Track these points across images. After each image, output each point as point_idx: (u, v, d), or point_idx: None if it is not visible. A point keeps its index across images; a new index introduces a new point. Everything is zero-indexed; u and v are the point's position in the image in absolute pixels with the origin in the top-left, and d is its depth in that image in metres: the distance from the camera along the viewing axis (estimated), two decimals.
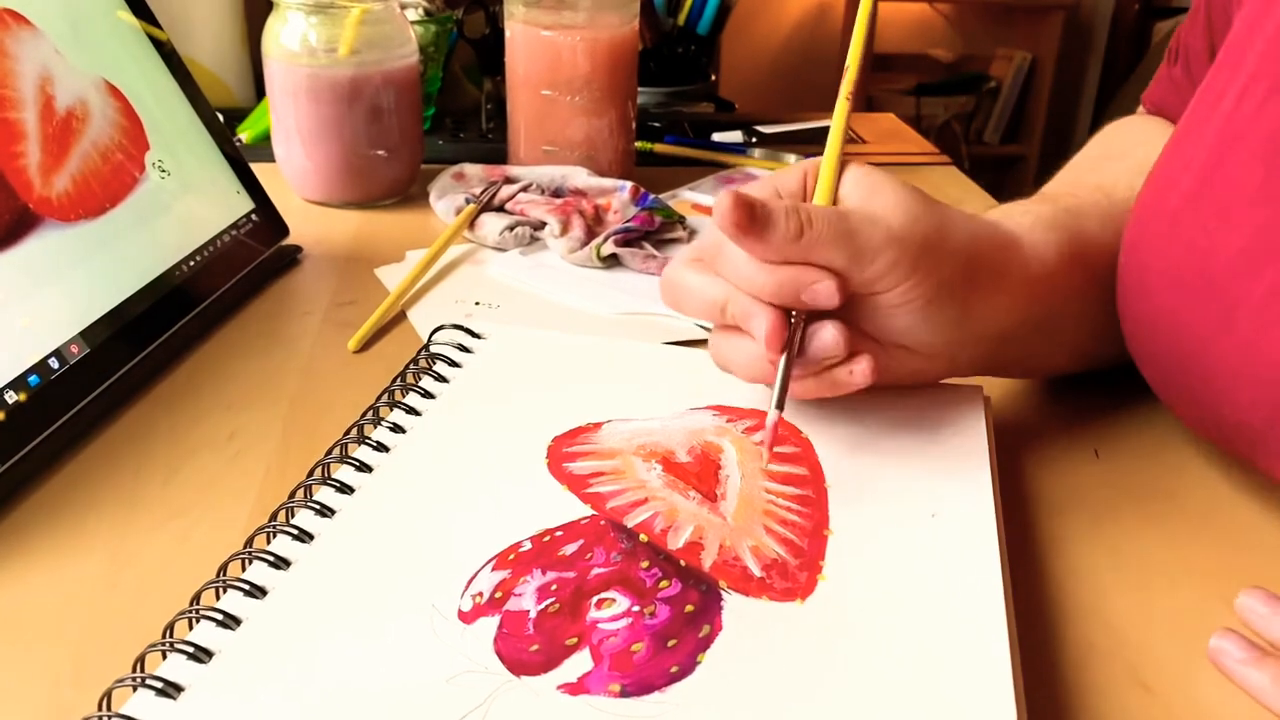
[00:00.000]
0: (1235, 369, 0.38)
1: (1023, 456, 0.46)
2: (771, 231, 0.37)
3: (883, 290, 0.39)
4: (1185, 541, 0.41)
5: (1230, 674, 0.34)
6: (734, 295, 0.39)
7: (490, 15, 0.93)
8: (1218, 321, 0.39)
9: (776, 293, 0.38)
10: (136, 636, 0.32)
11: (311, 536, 0.35)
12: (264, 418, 0.48)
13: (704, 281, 0.40)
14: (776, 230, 0.37)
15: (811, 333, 0.39)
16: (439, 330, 0.48)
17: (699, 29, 1.06)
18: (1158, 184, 0.43)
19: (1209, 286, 0.39)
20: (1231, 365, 0.38)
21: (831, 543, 0.36)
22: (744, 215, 0.37)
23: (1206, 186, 0.40)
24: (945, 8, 2.82)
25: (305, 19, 0.71)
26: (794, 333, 0.39)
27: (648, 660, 0.30)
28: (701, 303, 0.41)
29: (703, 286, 0.40)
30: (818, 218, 0.38)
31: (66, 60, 0.53)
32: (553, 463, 0.39)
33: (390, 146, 0.74)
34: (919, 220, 0.39)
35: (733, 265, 0.39)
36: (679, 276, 0.41)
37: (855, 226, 0.38)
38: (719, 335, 0.42)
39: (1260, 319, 0.37)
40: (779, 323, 0.38)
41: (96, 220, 0.52)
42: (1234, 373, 0.38)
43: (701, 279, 0.41)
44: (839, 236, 0.38)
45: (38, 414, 0.44)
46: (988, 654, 0.31)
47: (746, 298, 0.39)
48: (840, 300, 0.38)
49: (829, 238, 0.38)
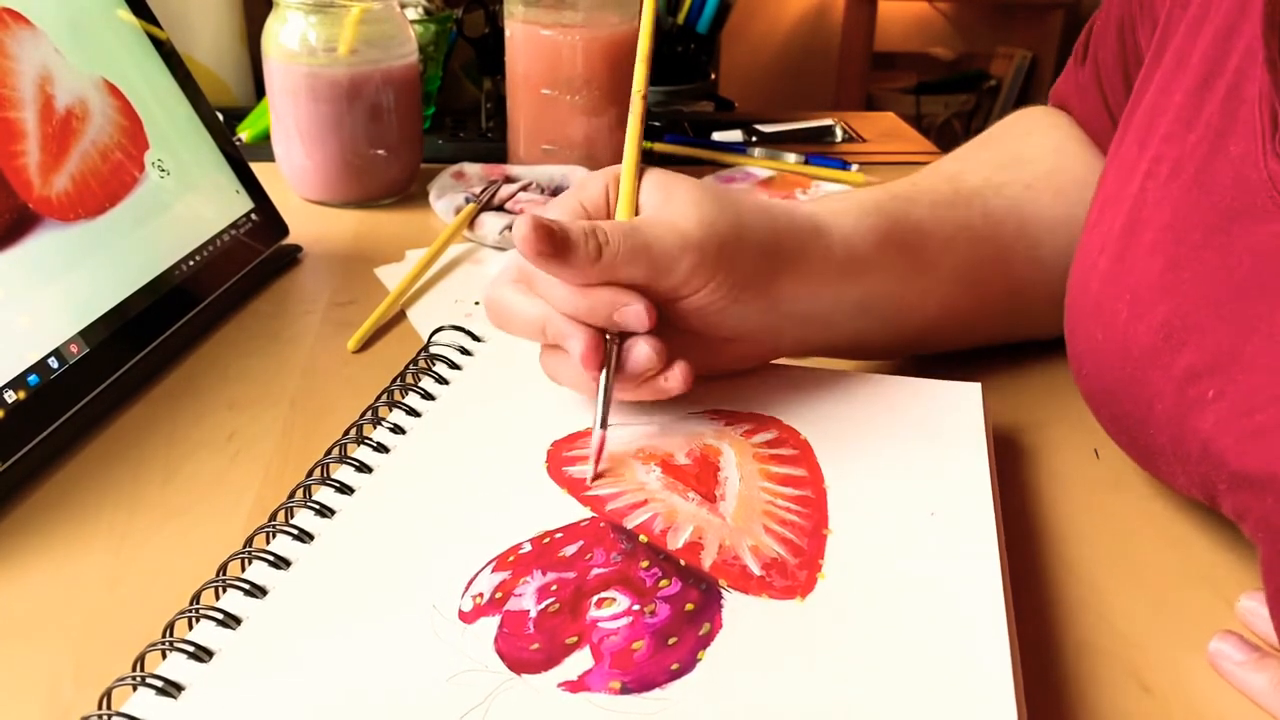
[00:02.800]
0: (1167, 447, 0.38)
1: (1022, 456, 0.46)
2: (572, 255, 0.37)
3: (688, 294, 0.40)
4: (1185, 541, 0.41)
5: (1229, 676, 0.34)
6: (551, 316, 0.40)
7: (490, 14, 0.93)
8: (1145, 402, 0.39)
9: (590, 315, 0.39)
10: (136, 636, 0.32)
11: (311, 536, 0.35)
12: (264, 418, 0.48)
13: (525, 302, 0.41)
14: (577, 253, 0.37)
15: (627, 349, 0.39)
16: (439, 331, 0.48)
17: (698, 28, 1.06)
18: (1082, 263, 0.44)
19: (1133, 369, 0.39)
20: (1164, 443, 0.38)
21: (831, 541, 0.36)
22: (544, 242, 0.37)
23: (1118, 273, 0.40)
24: (945, 6, 2.82)
25: (305, 18, 0.71)
26: (610, 350, 0.39)
27: (648, 658, 0.30)
28: (523, 323, 0.41)
29: (524, 307, 0.41)
30: (614, 234, 0.38)
31: (66, 60, 0.53)
32: (552, 466, 0.39)
33: (390, 146, 0.74)
34: (714, 222, 0.40)
35: (546, 287, 0.40)
36: (501, 297, 0.41)
37: (651, 239, 0.39)
38: (546, 352, 0.42)
39: (1177, 408, 0.37)
40: (594, 342, 0.39)
41: (96, 220, 0.52)
42: (1167, 451, 0.38)
43: (522, 300, 0.41)
44: (635, 251, 0.38)
45: (37, 414, 0.44)
46: (988, 653, 0.31)
47: (563, 319, 0.39)
48: (651, 322, 0.39)
49: (627, 254, 0.38)
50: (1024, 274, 0.50)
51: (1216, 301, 0.36)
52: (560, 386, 0.42)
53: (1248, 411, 0.34)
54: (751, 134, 0.96)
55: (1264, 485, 0.33)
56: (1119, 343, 0.40)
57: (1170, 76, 0.41)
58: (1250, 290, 0.35)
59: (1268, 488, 0.33)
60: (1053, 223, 0.51)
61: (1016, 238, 0.50)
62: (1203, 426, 0.36)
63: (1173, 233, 0.38)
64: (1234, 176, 0.36)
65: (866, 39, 2.61)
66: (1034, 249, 0.50)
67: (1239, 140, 0.36)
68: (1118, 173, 0.43)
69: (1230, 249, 0.36)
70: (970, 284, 0.49)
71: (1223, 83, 0.38)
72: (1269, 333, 0.34)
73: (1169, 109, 0.40)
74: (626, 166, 0.43)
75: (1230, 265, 0.36)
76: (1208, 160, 0.37)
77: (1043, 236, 0.50)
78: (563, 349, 0.40)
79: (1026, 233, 0.50)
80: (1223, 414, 0.35)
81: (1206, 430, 0.35)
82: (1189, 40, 0.41)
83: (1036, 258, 0.50)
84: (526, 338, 0.42)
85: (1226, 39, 0.38)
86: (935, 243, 0.47)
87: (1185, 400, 0.36)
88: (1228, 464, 0.35)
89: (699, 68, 1.07)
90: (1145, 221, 0.40)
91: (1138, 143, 0.42)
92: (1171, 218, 0.38)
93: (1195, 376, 0.36)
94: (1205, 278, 0.36)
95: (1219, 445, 0.35)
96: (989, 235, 0.49)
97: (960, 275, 0.48)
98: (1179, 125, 0.39)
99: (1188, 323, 0.37)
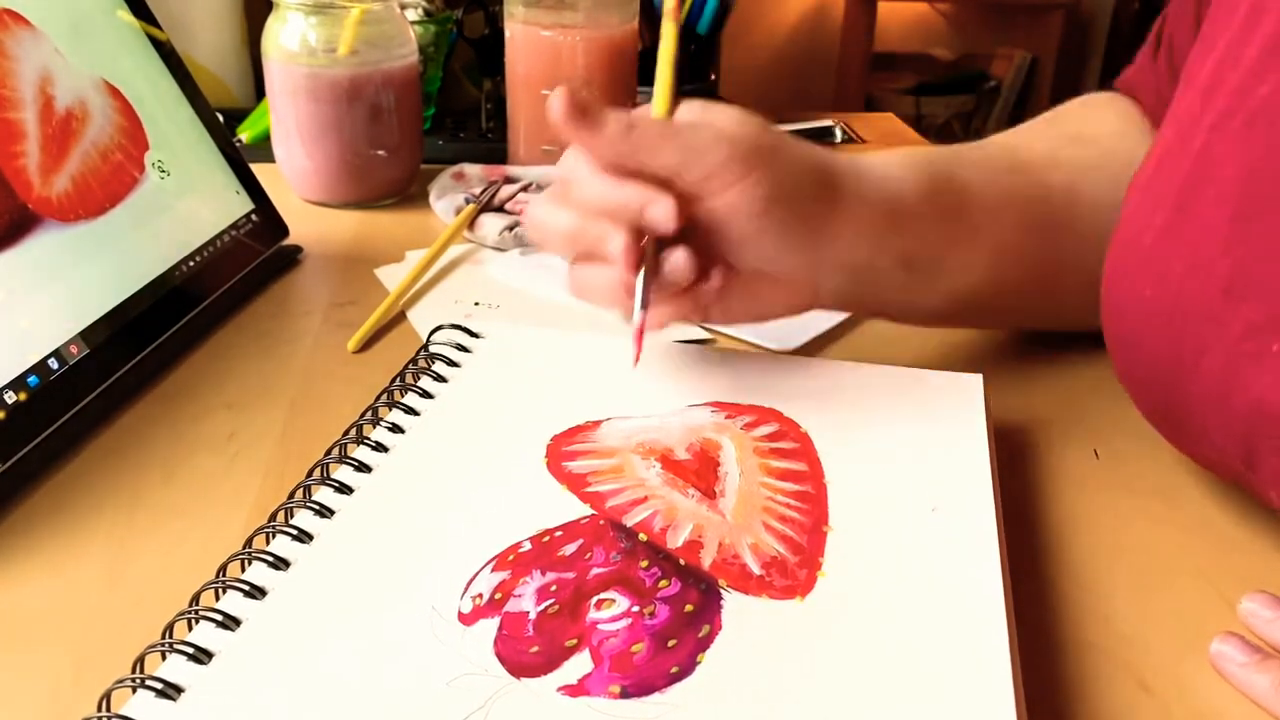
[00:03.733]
0: (1209, 406, 0.38)
1: (1023, 456, 0.46)
2: (602, 124, 0.39)
3: (718, 191, 0.40)
4: (1185, 541, 0.41)
5: (1232, 678, 0.34)
6: (588, 220, 0.41)
7: (490, 15, 0.93)
8: (1191, 359, 0.38)
9: (621, 209, 0.40)
10: (136, 637, 0.32)
11: (311, 537, 0.35)
12: (264, 418, 0.48)
13: (561, 214, 0.42)
14: (606, 124, 0.39)
15: (665, 255, 0.40)
16: (438, 330, 0.48)
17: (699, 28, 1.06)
18: (1134, 217, 0.43)
19: (1181, 325, 0.39)
20: (1206, 402, 0.38)
21: (831, 539, 0.36)
22: (574, 108, 0.39)
23: (1177, 227, 0.40)
24: (945, 7, 2.82)
25: (305, 19, 0.71)
26: (647, 252, 0.41)
27: (648, 661, 0.30)
28: (560, 232, 0.42)
29: (559, 217, 0.42)
30: (643, 118, 0.40)
31: (66, 60, 0.53)
32: (552, 462, 0.39)
33: (390, 146, 0.74)
34: (748, 124, 0.41)
35: (581, 187, 0.41)
36: (540, 212, 0.43)
37: (684, 127, 0.41)
38: (576, 266, 0.43)
39: (1230, 363, 0.37)
40: (632, 240, 0.40)
41: (96, 220, 0.52)
42: (1208, 409, 0.38)
43: (559, 212, 0.42)
44: (665, 134, 0.40)
45: (37, 414, 0.44)
46: (988, 653, 0.31)
47: (599, 220, 0.41)
48: (679, 218, 0.39)
49: (656, 135, 0.40)
50: (1075, 254, 0.50)
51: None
52: (562, 382, 0.42)
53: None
54: None
55: None
56: (1170, 298, 0.39)
57: (1243, 30, 0.40)
58: None
59: None
60: (1109, 207, 0.49)
61: (1069, 215, 0.50)
62: (1258, 382, 0.35)
63: (1242, 185, 0.37)
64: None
65: (866, 39, 2.61)
66: (1085, 230, 0.50)
67: None
68: (1178, 129, 0.42)
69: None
70: (1016, 255, 0.48)
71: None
72: None
73: (1241, 62, 0.39)
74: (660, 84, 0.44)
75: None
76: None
77: (1097, 217, 0.49)
78: (597, 258, 0.41)
79: (1079, 213, 0.50)
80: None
81: (1261, 388, 0.35)
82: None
83: (1089, 238, 0.49)
84: (561, 250, 0.43)
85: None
86: (983, 205, 0.47)
87: (1240, 354, 0.36)
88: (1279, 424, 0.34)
89: (699, 68, 1.07)
90: (1210, 176, 0.39)
91: (1202, 97, 0.41)
92: (1241, 170, 0.38)
93: (1256, 331, 0.36)
94: (1276, 231, 0.36)
95: (1272, 403, 0.35)
96: (1041, 209, 0.49)
97: (1006, 243, 0.48)
98: (1251, 77, 0.38)
99: (1252, 276, 0.36)
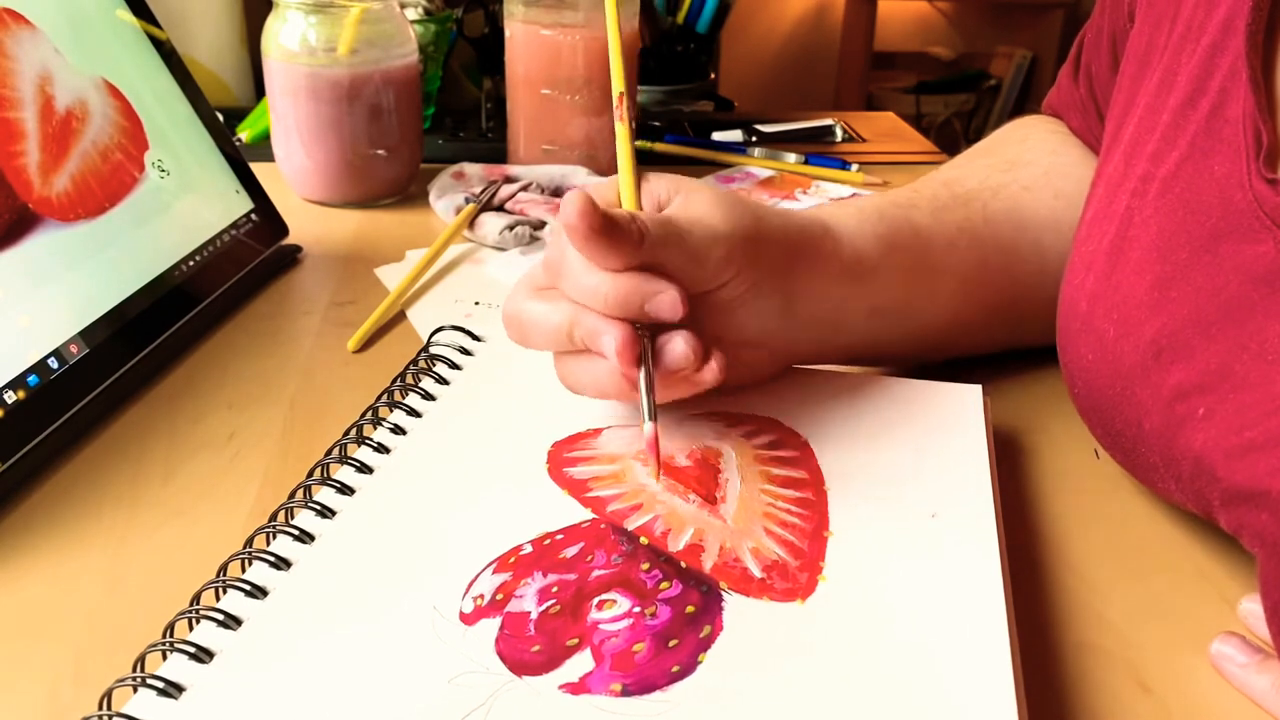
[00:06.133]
0: (1161, 464, 0.38)
1: (1023, 456, 0.46)
2: (620, 235, 0.37)
3: (716, 286, 0.40)
4: (1185, 541, 0.41)
5: (1233, 679, 0.34)
6: (580, 316, 0.38)
7: (490, 14, 0.93)
8: (1134, 419, 0.39)
9: (624, 303, 0.37)
10: (136, 636, 0.32)
11: (312, 537, 0.35)
12: (264, 418, 0.48)
13: (548, 309, 0.39)
14: (623, 233, 0.37)
15: (661, 345, 0.38)
16: (439, 331, 0.48)
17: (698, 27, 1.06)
18: (1071, 282, 0.44)
19: (1123, 388, 0.39)
20: (1157, 461, 0.38)
21: (832, 544, 0.36)
22: (596, 218, 0.36)
23: (1107, 293, 0.40)
24: (945, 6, 2.82)
25: (305, 18, 0.71)
26: (644, 345, 0.38)
27: (649, 660, 0.30)
28: (547, 330, 0.39)
29: (546, 313, 0.39)
30: (651, 222, 0.38)
31: (66, 60, 0.53)
32: (553, 467, 0.39)
33: (390, 146, 0.74)
34: (739, 217, 0.40)
35: (574, 281, 0.38)
36: (521, 309, 0.40)
37: (685, 228, 0.39)
38: (566, 358, 0.41)
39: (1168, 425, 0.37)
40: (630, 336, 0.37)
41: (96, 220, 0.52)
42: (1161, 467, 0.38)
43: (544, 306, 0.39)
44: (672, 237, 0.38)
45: (37, 414, 0.44)
46: (988, 654, 0.31)
47: (593, 316, 0.38)
48: (684, 310, 0.38)
49: (664, 240, 0.38)
50: (1028, 276, 0.51)
51: (1205, 321, 0.36)
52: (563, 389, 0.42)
53: (1238, 429, 0.34)
54: (751, 134, 0.96)
55: (1258, 501, 0.33)
56: (1109, 362, 0.40)
57: (1158, 94, 0.41)
58: (1238, 310, 0.35)
59: (1262, 503, 0.33)
60: (1054, 223, 0.51)
61: (1017, 239, 0.50)
62: (1194, 444, 0.36)
63: (1159, 251, 0.38)
64: (1219, 196, 0.36)
65: (866, 39, 2.61)
66: (1036, 250, 0.51)
67: (1223, 160, 0.36)
68: (1105, 190, 0.43)
69: (1218, 269, 0.36)
70: (976, 286, 0.49)
71: (1207, 101, 0.38)
72: (1258, 351, 0.34)
73: (1156, 127, 0.40)
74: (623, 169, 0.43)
75: (1218, 285, 0.36)
76: (1193, 180, 0.37)
77: (1044, 237, 0.51)
78: (590, 352, 0.39)
79: (1027, 234, 0.50)
80: (1213, 431, 0.35)
81: (1198, 447, 0.35)
82: (1176, 58, 0.41)
83: (1040, 259, 0.50)
84: (550, 348, 0.40)
85: (1211, 58, 0.38)
86: (938, 245, 0.48)
87: (1175, 417, 0.36)
88: (1220, 480, 0.35)
89: (699, 67, 1.07)
90: (1132, 240, 0.40)
91: (1125, 160, 0.42)
92: (1158, 237, 0.38)
93: (1184, 394, 0.36)
94: (1193, 297, 0.36)
95: (1210, 461, 0.35)
96: (990, 237, 0.49)
97: (965, 277, 0.48)
98: (1164, 144, 0.39)
99: (1176, 341, 0.37)
